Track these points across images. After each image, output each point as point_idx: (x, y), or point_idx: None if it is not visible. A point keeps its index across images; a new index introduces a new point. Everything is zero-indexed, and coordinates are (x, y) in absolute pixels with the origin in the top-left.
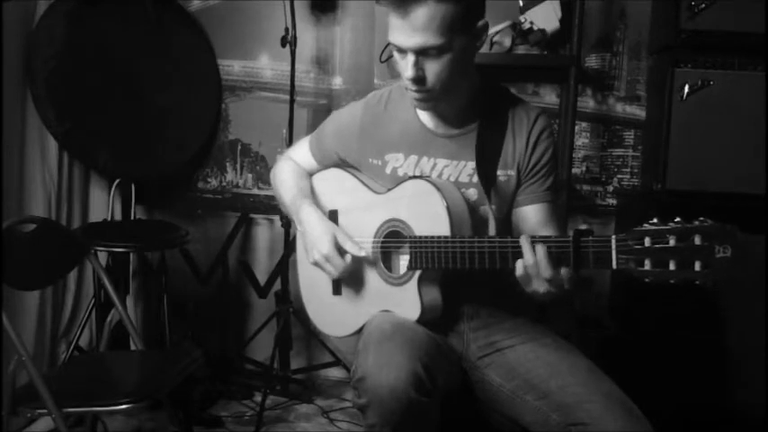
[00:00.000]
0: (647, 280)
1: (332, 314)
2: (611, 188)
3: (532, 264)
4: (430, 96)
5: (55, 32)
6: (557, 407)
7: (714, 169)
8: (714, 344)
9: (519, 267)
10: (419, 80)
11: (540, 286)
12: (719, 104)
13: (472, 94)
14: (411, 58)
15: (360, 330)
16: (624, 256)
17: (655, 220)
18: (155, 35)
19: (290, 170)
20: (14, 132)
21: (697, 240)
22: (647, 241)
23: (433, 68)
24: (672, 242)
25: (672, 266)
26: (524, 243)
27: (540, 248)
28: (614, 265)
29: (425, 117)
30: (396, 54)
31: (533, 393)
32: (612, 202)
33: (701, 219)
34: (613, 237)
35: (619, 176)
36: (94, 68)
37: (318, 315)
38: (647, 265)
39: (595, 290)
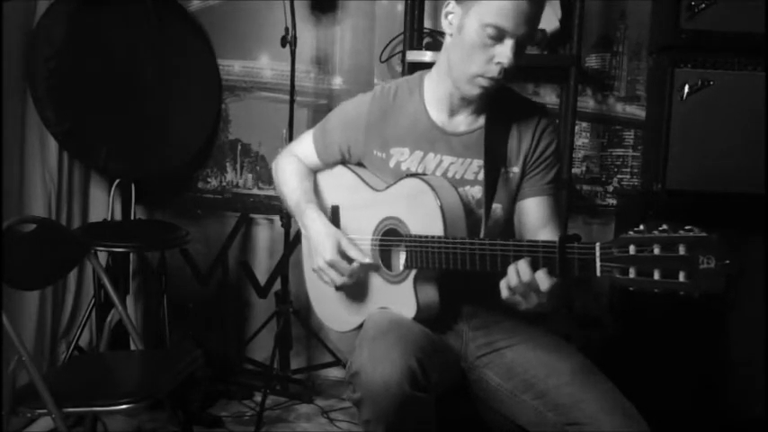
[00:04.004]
0: (630, 288)
1: (334, 309)
2: (611, 188)
3: (516, 283)
4: (496, 87)
5: (55, 32)
6: (553, 406)
7: (714, 169)
8: (714, 345)
9: (503, 290)
10: (510, 69)
11: (528, 303)
12: (719, 104)
13: None
14: (512, 44)
15: (360, 327)
16: (608, 264)
17: (641, 227)
18: (155, 35)
19: (293, 168)
20: (14, 132)
21: (682, 250)
22: (631, 249)
23: (518, 58)
24: (656, 251)
25: (656, 276)
26: (510, 268)
27: (523, 264)
28: (598, 273)
29: (436, 113)
30: (477, 37)
31: (531, 393)
32: (612, 202)
33: (687, 227)
34: (597, 244)
35: (619, 176)
36: (94, 68)
37: (322, 310)
38: (632, 274)
39: (595, 290)
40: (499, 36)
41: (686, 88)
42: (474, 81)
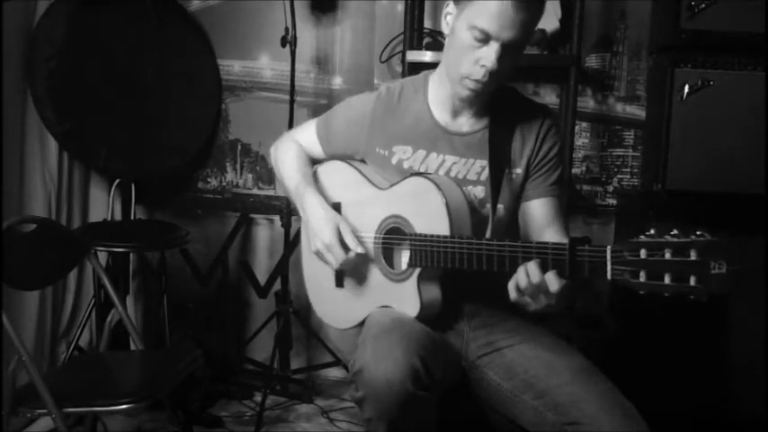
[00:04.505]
0: (641, 292)
1: (334, 306)
2: (611, 188)
3: (526, 284)
4: (485, 89)
5: (55, 32)
6: (553, 406)
7: (714, 169)
8: (714, 345)
9: (512, 291)
10: (494, 72)
11: (537, 304)
12: (719, 104)
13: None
14: (496, 47)
15: (361, 324)
16: (619, 267)
17: (652, 231)
18: (155, 35)
19: (293, 154)
20: (14, 132)
21: (693, 255)
22: (642, 253)
23: (505, 62)
24: (667, 255)
25: (667, 280)
26: (520, 270)
27: (533, 266)
28: (609, 276)
29: (439, 113)
30: (465, 38)
31: (531, 393)
32: (612, 202)
33: (698, 232)
34: (609, 247)
35: (619, 176)
36: (94, 68)
37: (321, 306)
38: (642, 277)
39: (595, 290)
40: (484, 39)
41: (686, 88)
42: (462, 82)
